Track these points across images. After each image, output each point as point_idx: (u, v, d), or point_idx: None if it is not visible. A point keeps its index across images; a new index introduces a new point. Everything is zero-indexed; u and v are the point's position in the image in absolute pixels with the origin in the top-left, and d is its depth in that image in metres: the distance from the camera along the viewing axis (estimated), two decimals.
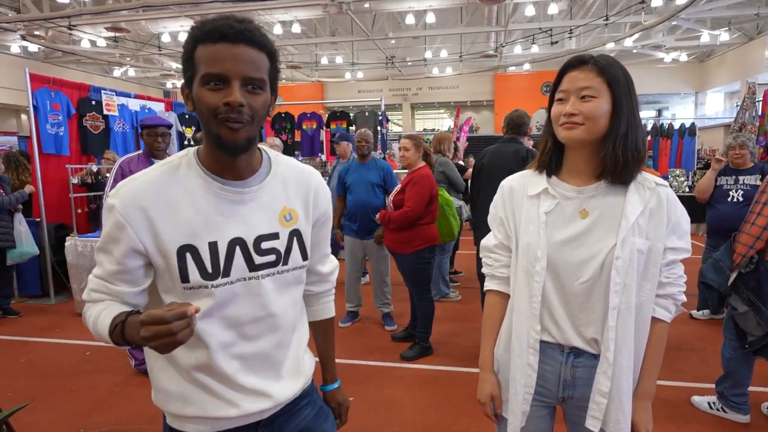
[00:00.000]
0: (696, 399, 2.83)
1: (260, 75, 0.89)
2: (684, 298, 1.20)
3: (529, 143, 3.67)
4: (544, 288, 1.17)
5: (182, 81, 0.94)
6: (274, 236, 1.01)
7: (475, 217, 3.51)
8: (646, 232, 1.12)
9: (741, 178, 3.70)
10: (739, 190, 3.68)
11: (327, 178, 7.26)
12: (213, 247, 0.94)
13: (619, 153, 1.10)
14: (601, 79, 1.10)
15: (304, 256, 1.07)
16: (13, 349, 3.82)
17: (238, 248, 0.96)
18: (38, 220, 4.97)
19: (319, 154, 7.91)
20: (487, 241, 1.34)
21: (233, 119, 0.87)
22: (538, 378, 1.21)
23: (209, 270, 0.94)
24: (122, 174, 2.95)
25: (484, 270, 1.34)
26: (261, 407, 1.03)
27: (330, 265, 1.23)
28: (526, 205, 1.21)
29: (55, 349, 3.80)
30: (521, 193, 1.24)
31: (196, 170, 0.95)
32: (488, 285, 1.33)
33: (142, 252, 0.93)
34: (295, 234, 1.04)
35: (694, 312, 4.28)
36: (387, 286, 4.08)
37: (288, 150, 7.75)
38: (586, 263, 1.13)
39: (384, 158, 6.69)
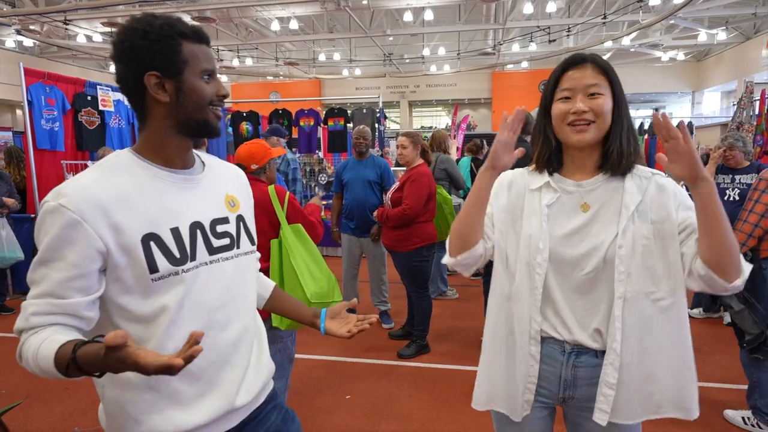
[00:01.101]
0: (729, 413, 2.66)
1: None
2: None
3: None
4: (547, 281, 1.17)
5: (124, 72, 0.96)
6: (225, 220, 1.06)
7: None
8: (650, 218, 1.12)
9: (738, 177, 3.70)
10: (736, 189, 3.69)
11: (324, 176, 7.25)
12: (176, 232, 0.96)
13: (624, 147, 1.13)
14: (603, 77, 1.12)
15: (252, 241, 1.12)
16: (7, 346, 3.79)
17: (198, 231, 0.99)
18: (33, 216, 4.93)
19: (317, 151, 7.88)
20: None
21: (219, 106, 1.02)
22: (539, 379, 1.20)
23: (177, 255, 0.95)
24: None
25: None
26: (231, 406, 1.02)
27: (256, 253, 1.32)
28: (528, 197, 1.22)
29: None
30: (523, 186, 1.24)
31: (137, 164, 0.97)
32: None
33: (102, 251, 0.88)
34: (241, 219, 1.10)
35: (688, 310, 4.28)
36: (384, 284, 4.07)
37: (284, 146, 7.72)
38: (589, 255, 1.13)
39: (381, 155, 6.67)
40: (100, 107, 5.64)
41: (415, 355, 3.51)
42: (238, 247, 1.06)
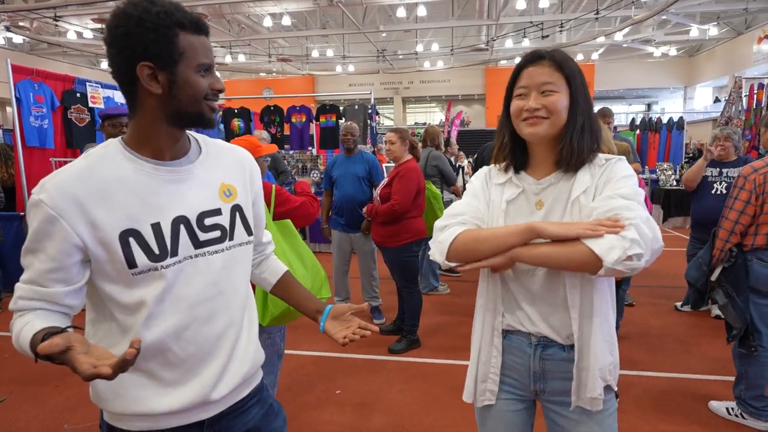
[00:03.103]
0: (714, 404, 2.68)
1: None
2: (637, 248, 0.98)
3: None
4: (506, 276, 1.19)
5: (116, 57, 0.92)
6: (217, 212, 1.03)
7: None
8: (588, 204, 1.10)
9: (725, 170, 3.73)
10: (723, 182, 3.72)
11: (317, 172, 7.24)
12: (156, 228, 0.94)
13: (575, 145, 1.12)
14: (559, 74, 1.12)
15: (249, 231, 1.09)
16: None
17: (182, 226, 0.97)
18: (22, 214, 4.90)
19: (309, 148, 7.87)
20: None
21: (215, 101, 1.00)
22: (509, 370, 1.23)
23: (156, 251, 0.93)
24: None
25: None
26: (209, 395, 1.02)
27: (268, 235, 1.31)
28: (493, 191, 1.24)
29: None
30: (492, 180, 1.27)
31: (123, 156, 0.95)
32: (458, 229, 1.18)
33: (79, 245, 0.89)
34: (237, 209, 1.07)
35: (678, 304, 4.33)
36: (375, 280, 4.08)
37: (277, 143, 7.70)
38: None
39: (373, 152, 6.67)
40: (90, 104, 5.60)
41: (405, 350, 3.53)
42: (231, 239, 1.04)
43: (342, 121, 7.35)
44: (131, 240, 0.91)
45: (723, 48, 16.20)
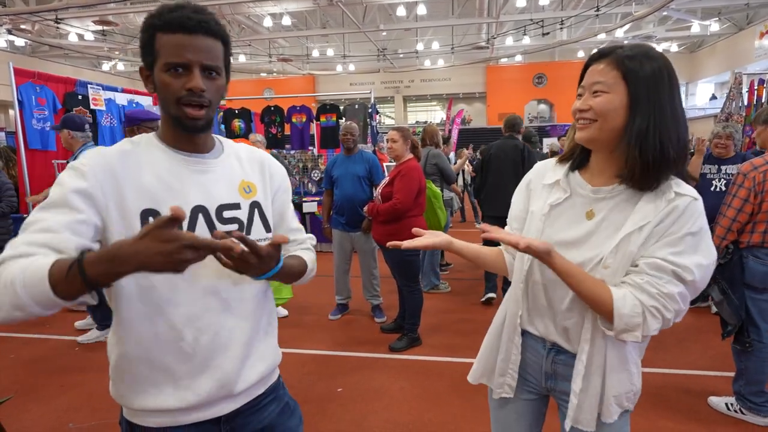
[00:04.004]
0: (713, 400, 2.69)
1: (217, 62, 0.97)
2: (654, 326, 1.00)
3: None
4: (534, 279, 1.19)
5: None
6: (236, 206, 1.05)
7: (483, 194, 4.44)
8: (638, 243, 1.03)
9: (723, 167, 3.74)
10: (722, 179, 3.72)
11: (317, 172, 7.26)
12: None
13: (636, 153, 1.01)
14: (616, 72, 1.02)
15: (267, 228, 1.10)
16: (1, 344, 3.81)
17: (200, 215, 1.00)
18: (25, 216, 4.94)
19: (310, 148, 7.89)
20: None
21: (195, 102, 0.95)
22: (525, 365, 1.26)
23: None
24: None
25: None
26: (225, 391, 1.02)
27: (298, 234, 1.22)
28: (539, 192, 1.22)
29: (43, 344, 3.80)
30: (538, 181, 1.24)
31: (156, 145, 1.01)
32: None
33: (103, 207, 0.92)
34: (256, 206, 1.08)
35: None
36: (375, 279, 4.10)
37: (278, 143, 7.72)
38: (580, 267, 1.10)
39: (374, 151, 6.69)
40: (92, 106, 5.63)
41: (406, 348, 3.55)
42: (248, 234, 1.05)
43: (342, 121, 7.37)
44: (150, 219, 0.94)
45: (724, 44, 16.15)
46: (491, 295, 4.44)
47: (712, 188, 3.75)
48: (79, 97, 5.55)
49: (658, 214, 1.01)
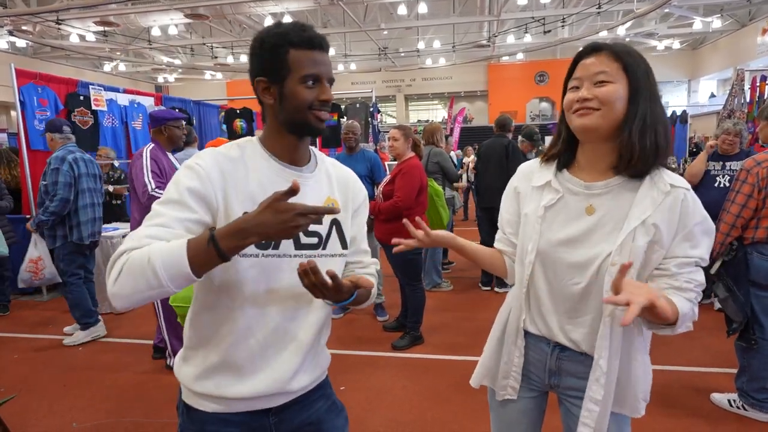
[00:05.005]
0: (716, 396, 2.68)
1: (333, 76, 1.11)
2: (696, 313, 1.09)
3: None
4: (536, 282, 1.18)
5: (249, 74, 1.10)
6: (318, 221, 1.10)
7: (477, 183, 4.98)
8: (654, 233, 1.04)
9: (728, 164, 3.72)
10: (726, 176, 3.71)
11: None
12: None
13: (635, 141, 1.04)
14: (617, 65, 1.05)
15: (344, 245, 1.17)
16: (5, 345, 3.82)
17: None
18: (28, 216, 4.95)
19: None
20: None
21: (324, 111, 1.08)
22: (527, 363, 1.26)
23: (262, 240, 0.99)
24: (156, 163, 3.01)
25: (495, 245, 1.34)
26: (279, 389, 1.09)
27: (370, 258, 1.28)
28: (530, 195, 1.21)
29: (47, 345, 3.81)
30: (527, 184, 1.23)
31: (260, 152, 1.09)
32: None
33: (215, 208, 1.00)
34: (335, 223, 1.15)
35: None
36: (378, 277, 4.09)
37: None
38: (582, 266, 1.09)
39: (376, 150, 6.69)
40: (93, 107, 5.64)
41: (408, 347, 3.55)
42: (324, 248, 1.12)
43: (344, 120, 7.37)
44: None
45: (727, 40, 16.10)
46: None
47: (716, 184, 3.73)
48: (81, 97, 5.56)
49: (659, 206, 1.05)
